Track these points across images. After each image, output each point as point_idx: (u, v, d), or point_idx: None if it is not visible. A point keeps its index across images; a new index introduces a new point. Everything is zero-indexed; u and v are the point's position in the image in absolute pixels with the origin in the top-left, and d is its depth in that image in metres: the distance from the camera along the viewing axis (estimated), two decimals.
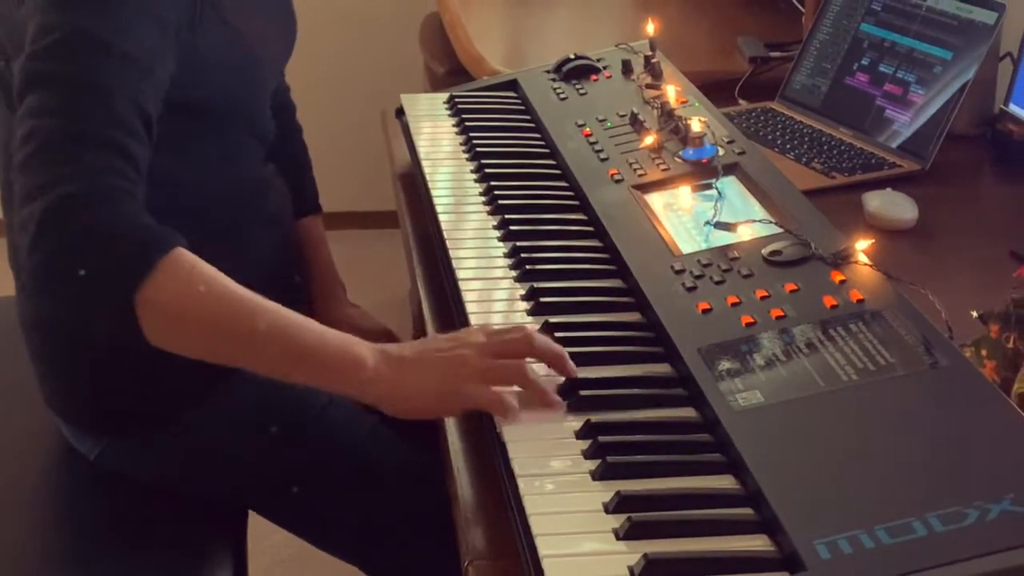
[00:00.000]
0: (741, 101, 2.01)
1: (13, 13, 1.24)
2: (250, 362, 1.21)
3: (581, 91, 1.77)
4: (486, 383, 1.13)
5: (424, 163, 1.64)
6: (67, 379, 1.48)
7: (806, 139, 1.84)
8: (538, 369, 1.16)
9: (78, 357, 1.45)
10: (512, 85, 1.87)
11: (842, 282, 1.21)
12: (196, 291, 1.14)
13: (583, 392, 1.14)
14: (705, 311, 1.21)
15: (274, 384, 1.44)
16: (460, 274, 1.37)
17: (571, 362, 1.15)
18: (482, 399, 1.12)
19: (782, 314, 1.18)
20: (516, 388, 1.13)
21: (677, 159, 1.52)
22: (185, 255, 1.15)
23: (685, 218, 1.40)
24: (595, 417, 1.10)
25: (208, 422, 1.45)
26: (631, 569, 0.92)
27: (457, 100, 1.82)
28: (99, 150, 1.14)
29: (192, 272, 1.14)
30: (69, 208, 1.11)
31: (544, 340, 1.17)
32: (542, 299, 1.29)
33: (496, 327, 1.20)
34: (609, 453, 1.05)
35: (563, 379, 1.16)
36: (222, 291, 1.16)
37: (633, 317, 1.28)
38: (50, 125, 1.15)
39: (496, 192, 1.53)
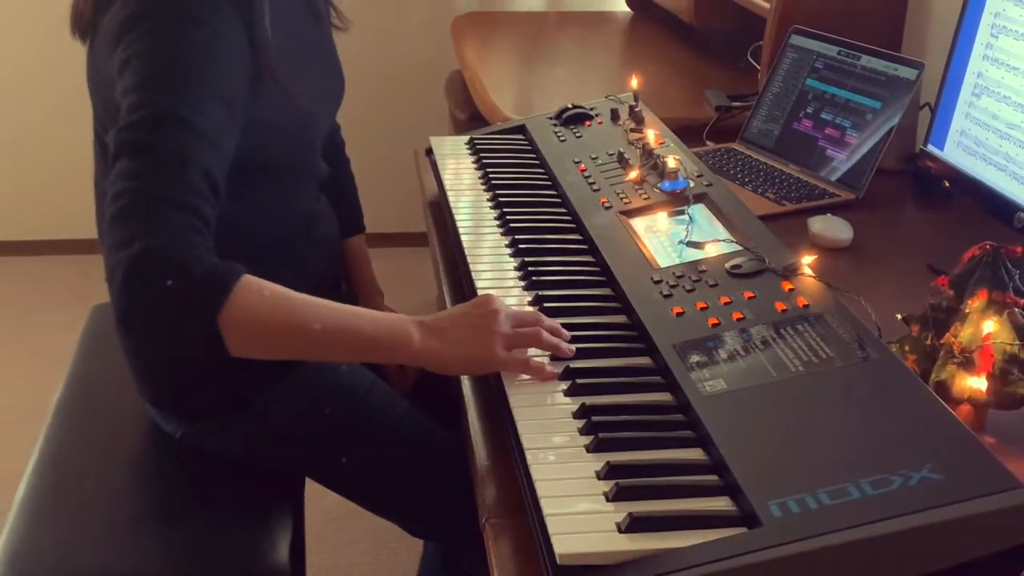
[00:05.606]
0: (708, 142, 2.01)
1: (109, 91, 1.23)
2: (319, 354, 1.23)
3: (577, 134, 1.77)
4: (511, 348, 1.17)
5: (449, 193, 1.65)
6: (155, 374, 1.48)
7: (761, 174, 1.84)
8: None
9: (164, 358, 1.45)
10: (521, 129, 1.87)
11: (791, 290, 1.21)
12: (267, 304, 1.14)
13: (579, 380, 1.14)
14: (679, 314, 1.22)
15: (326, 374, 1.46)
16: (478, 284, 1.37)
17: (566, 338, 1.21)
18: (512, 364, 1.16)
19: (742, 317, 1.18)
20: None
21: (656, 190, 1.52)
22: (252, 279, 1.14)
23: (662, 238, 1.41)
24: (589, 400, 1.11)
25: (273, 407, 1.45)
26: (618, 525, 0.92)
27: (476, 141, 1.82)
28: (176, 210, 1.12)
29: (261, 290, 1.14)
30: (152, 259, 1.09)
31: (550, 322, 1.22)
32: (546, 304, 1.30)
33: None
34: (601, 430, 1.05)
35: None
36: (288, 300, 1.16)
37: (620, 319, 1.28)
38: (136, 187, 1.12)
39: (508, 217, 1.53)
